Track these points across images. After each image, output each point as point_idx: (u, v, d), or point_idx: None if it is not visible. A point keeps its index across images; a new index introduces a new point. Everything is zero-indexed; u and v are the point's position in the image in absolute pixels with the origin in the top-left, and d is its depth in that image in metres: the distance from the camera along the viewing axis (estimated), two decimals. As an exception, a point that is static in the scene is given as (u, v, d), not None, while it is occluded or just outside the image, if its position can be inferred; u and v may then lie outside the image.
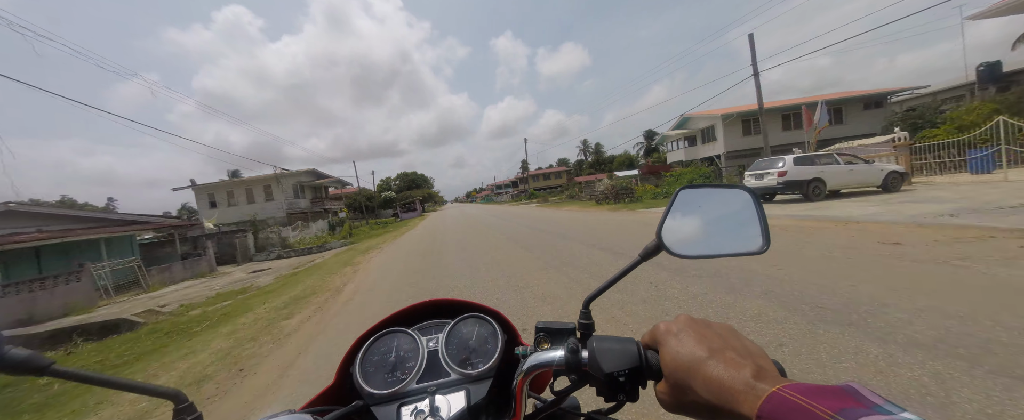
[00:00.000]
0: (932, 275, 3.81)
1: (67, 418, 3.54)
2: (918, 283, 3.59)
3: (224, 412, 3.12)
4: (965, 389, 1.97)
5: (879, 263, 4.45)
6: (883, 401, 0.29)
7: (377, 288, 7.28)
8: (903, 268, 4.16)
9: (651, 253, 0.60)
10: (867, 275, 4.02)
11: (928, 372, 2.15)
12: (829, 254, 5.14)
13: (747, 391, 0.34)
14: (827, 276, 4.11)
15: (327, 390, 0.72)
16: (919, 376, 2.13)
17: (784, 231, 7.29)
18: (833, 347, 2.56)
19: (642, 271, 4.74)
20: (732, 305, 3.57)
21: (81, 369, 0.44)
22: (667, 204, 0.63)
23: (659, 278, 4.73)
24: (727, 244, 0.63)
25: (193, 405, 0.52)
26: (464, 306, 0.84)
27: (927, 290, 3.38)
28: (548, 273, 6.10)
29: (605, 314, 3.73)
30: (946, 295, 3.22)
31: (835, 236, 6.37)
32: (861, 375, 2.21)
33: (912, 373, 2.16)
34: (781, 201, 12.79)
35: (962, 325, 2.65)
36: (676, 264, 5.10)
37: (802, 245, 5.86)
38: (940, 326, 2.66)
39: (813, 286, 3.81)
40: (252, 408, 3.07)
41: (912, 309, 3.00)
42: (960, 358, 2.25)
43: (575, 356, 0.52)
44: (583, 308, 0.60)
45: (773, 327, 2.98)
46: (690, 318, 0.47)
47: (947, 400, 1.90)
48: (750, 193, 0.65)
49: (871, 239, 5.79)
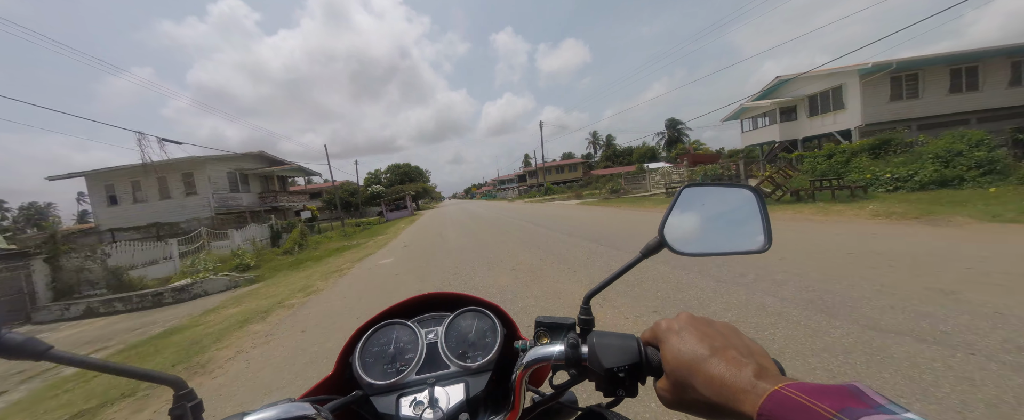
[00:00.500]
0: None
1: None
2: None
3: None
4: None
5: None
6: (886, 401, 0.28)
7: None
8: None
9: (653, 250, 0.60)
10: None
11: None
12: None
13: (748, 390, 0.34)
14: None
15: (326, 380, 0.73)
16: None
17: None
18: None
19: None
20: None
21: (79, 354, 0.44)
22: (670, 201, 0.62)
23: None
24: (729, 242, 0.63)
25: (193, 391, 0.52)
26: (463, 299, 0.85)
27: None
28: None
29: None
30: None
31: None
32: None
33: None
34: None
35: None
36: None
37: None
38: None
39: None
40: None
41: None
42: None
43: (575, 351, 0.52)
44: (583, 304, 0.60)
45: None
46: (692, 316, 0.47)
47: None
48: (754, 192, 0.64)
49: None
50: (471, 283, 5.59)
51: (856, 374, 2.18)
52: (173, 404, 0.50)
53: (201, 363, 3.91)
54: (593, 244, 7.53)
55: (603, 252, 6.71)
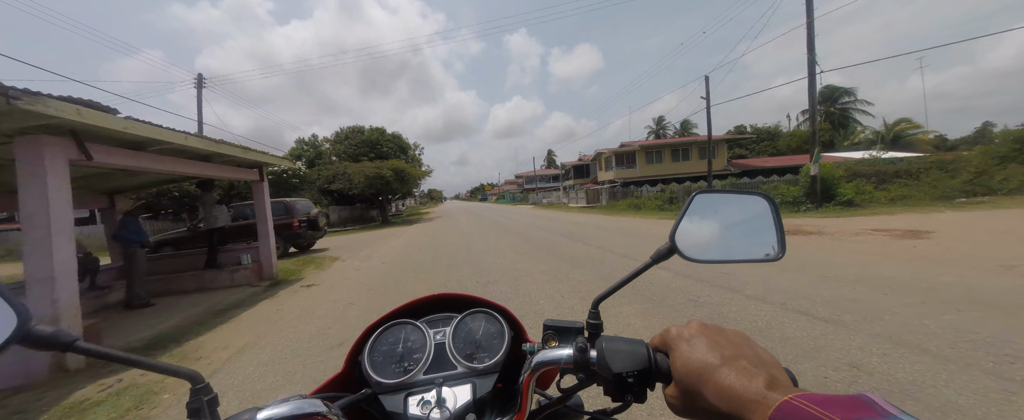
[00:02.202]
0: None
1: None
2: None
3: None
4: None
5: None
6: (897, 411, 0.28)
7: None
8: None
9: (663, 256, 0.59)
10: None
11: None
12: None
13: (759, 400, 0.34)
14: None
15: (336, 377, 0.74)
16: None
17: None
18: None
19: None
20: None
21: (103, 347, 0.45)
22: (682, 207, 0.63)
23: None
24: (741, 250, 0.62)
25: (209, 386, 0.52)
26: (472, 301, 0.86)
27: None
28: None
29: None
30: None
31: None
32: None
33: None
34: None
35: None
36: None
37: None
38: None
39: None
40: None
41: None
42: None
43: (584, 355, 0.52)
44: (592, 308, 0.60)
45: None
46: (703, 324, 0.47)
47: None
48: (768, 200, 0.63)
49: None
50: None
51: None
52: (190, 398, 0.51)
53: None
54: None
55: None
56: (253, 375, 3.20)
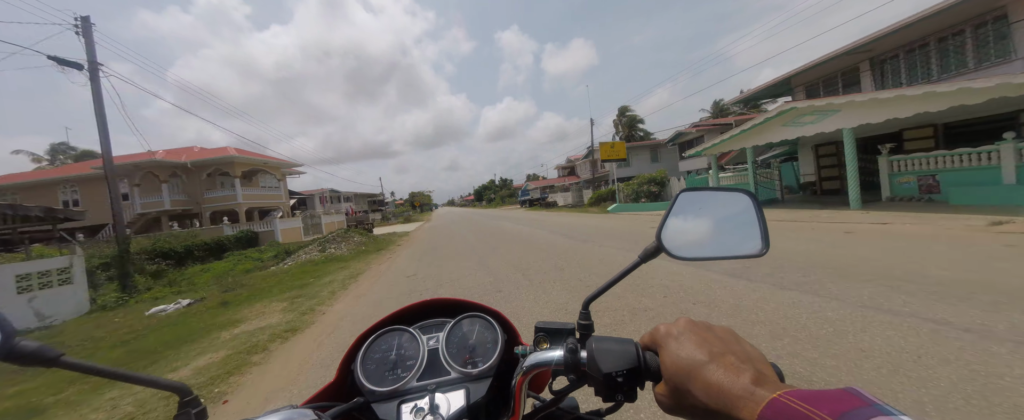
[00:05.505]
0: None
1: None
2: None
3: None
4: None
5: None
6: (882, 403, 0.29)
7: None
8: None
9: (650, 255, 0.59)
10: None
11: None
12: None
13: (747, 397, 0.34)
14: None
15: (328, 387, 0.73)
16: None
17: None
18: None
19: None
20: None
21: (90, 362, 0.44)
22: (667, 206, 0.61)
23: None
24: (727, 247, 0.63)
25: (198, 398, 0.53)
26: (464, 305, 0.85)
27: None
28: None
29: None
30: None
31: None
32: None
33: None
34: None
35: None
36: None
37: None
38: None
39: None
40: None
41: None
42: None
43: (574, 356, 0.52)
44: (583, 309, 0.60)
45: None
46: (691, 321, 0.47)
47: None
48: (750, 196, 0.64)
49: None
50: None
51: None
52: (177, 411, 0.50)
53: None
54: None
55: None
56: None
